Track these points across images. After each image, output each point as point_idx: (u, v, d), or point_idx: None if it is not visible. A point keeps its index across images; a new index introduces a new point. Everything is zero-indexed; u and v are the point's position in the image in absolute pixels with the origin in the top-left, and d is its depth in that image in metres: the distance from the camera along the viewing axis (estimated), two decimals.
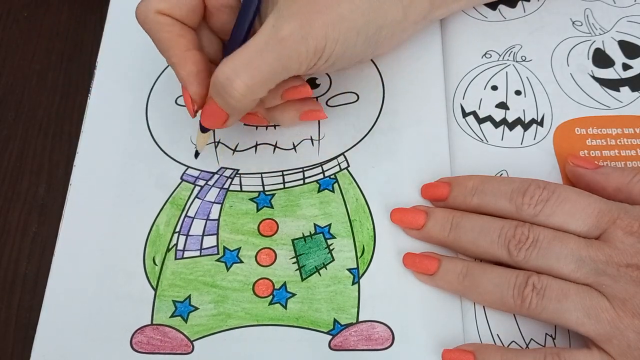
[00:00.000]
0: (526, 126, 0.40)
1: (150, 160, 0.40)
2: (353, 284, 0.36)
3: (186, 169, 0.40)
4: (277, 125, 0.41)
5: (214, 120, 0.35)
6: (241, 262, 0.37)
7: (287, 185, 0.39)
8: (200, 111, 0.36)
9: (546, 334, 0.34)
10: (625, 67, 0.42)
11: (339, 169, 0.39)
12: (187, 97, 0.35)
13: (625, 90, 0.41)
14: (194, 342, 0.35)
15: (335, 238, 0.37)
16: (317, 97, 0.41)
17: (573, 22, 0.43)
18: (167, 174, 0.40)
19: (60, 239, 0.38)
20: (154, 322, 0.35)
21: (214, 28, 0.37)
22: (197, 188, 0.39)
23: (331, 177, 0.39)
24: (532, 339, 0.34)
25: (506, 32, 0.43)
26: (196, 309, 0.36)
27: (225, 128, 0.37)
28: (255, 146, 0.40)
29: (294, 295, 0.36)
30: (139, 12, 0.35)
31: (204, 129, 0.37)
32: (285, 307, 0.36)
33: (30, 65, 0.46)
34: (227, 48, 0.35)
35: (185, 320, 0.35)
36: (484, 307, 0.35)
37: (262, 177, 0.39)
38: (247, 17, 0.34)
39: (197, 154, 0.39)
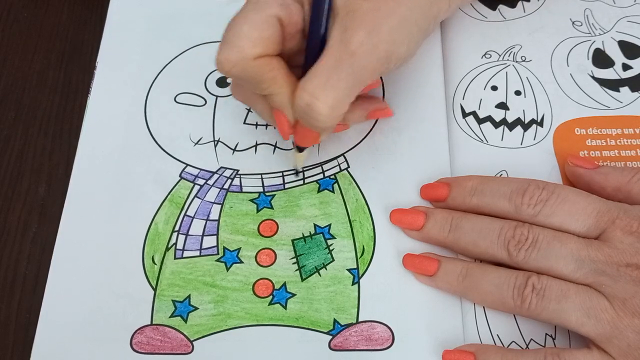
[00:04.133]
0: (526, 126, 0.40)
1: (149, 157, 0.40)
2: (353, 284, 0.36)
3: (185, 167, 0.40)
4: None
5: (308, 141, 0.36)
6: (241, 262, 0.37)
7: (287, 185, 0.39)
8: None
9: (546, 334, 0.34)
10: (625, 67, 0.42)
11: (338, 170, 0.39)
12: (285, 122, 0.35)
13: (625, 90, 0.41)
14: (193, 342, 0.35)
15: (335, 238, 0.37)
16: None
17: (573, 22, 0.43)
18: (166, 172, 0.40)
19: (59, 238, 0.38)
20: (153, 322, 0.35)
21: (282, 53, 0.35)
22: (197, 187, 0.39)
23: (331, 177, 0.39)
24: (532, 339, 0.34)
25: (506, 32, 0.43)
26: (196, 308, 0.36)
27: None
28: (255, 146, 0.40)
29: (294, 295, 0.36)
30: (233, 65, 0.32)
31: (300, 149, 0.37)
32: (285, 307, 0.36)
33: (30, 65, 0.46)
34: (304, 64, 0.34)
35: (185, 320, 0.35)
36: (484, 307, 0.35)
37: (262, 178, 0.39)
38: (318, 36, 0.33)
39: (297, 173, 0.39)
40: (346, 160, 0.40)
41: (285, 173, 0.39)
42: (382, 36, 0.32)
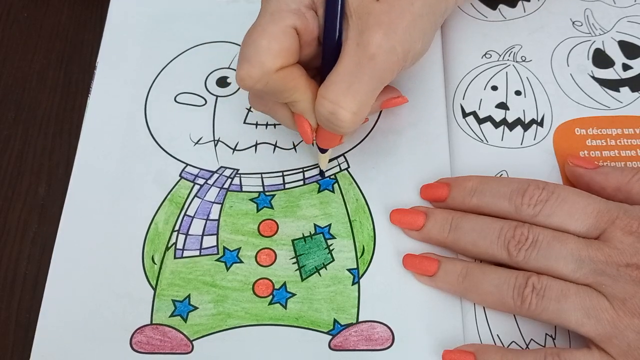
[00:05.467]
0: (526, 126, 0.40)
1: (149, 157, 0.40)
2: (353, 284, 0.36)
3: (185, 167, 0.40)
4: (278, 124, 0.41)
5: (330, 143, 0.36)
6: (241, 262, 0.37)
7: (287, 186, 0.39)
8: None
9: (546, 334, 0.34)
10: (625, 67, 0.42)
11: (339, 170, 0.39)
12: (308, 127, 0.35)
13: (625, 90, 0.41)
14: (193, 342, 0.35)
15: (335, 238, 0.37)
16: None
17: (573, 22, 0.43)
18: (166, 171, 0.40)
19: (59, 238, 0.38)
20: (153, 322, 0.35)
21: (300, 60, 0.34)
22: (197, 187, 0.39)
23: (331, 177, 0.39)
24: (532, 339, 0.34)
25: (506, 32, 0.43)
26: (196, 308, 0.36)
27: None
28: (255, 145, 0.40)
29: (293, 295, 0.36)
30: (256, 80, 0.32)
31: (322, 150, 0.37)
32: (285, 307, 0.36)
33: (30, 65, 0.46)
34: (322, 70, 0.34)
35: (185, 320, 0.35)
36: (484, 307, 0.35)
37: (262, 178, 0.39)
38: (333, 41, 0.33)
39: (322, 173, 0.39)
40: (346, 160, 0.40)
41: (285, 173, 0.39)
42: (399, 36, 0.32)
